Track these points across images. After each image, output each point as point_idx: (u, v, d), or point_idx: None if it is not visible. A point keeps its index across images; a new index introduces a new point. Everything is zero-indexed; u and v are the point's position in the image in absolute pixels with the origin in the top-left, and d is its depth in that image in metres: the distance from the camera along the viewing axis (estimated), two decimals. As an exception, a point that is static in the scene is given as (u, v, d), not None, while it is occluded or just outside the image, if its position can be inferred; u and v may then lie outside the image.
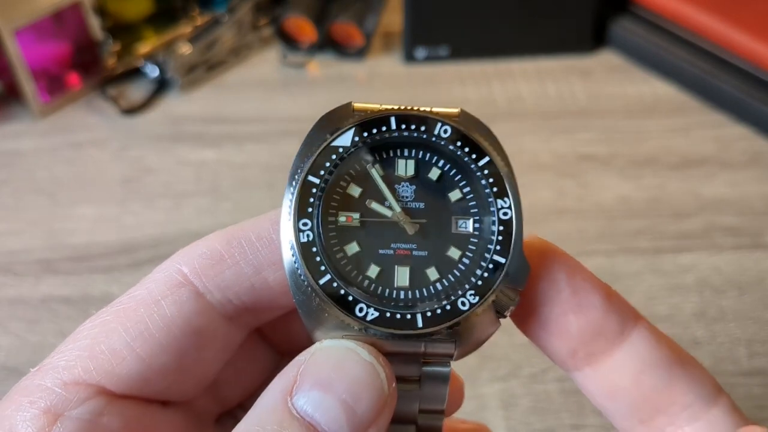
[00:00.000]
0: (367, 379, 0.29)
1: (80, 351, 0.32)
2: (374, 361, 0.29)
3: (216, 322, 0.34)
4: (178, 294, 0.33)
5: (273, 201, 0.83)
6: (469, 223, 0.33)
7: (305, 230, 0.32)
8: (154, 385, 0.33)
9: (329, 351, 0.30)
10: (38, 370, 0.33)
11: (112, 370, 0.32)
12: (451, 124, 0.33)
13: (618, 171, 0.86)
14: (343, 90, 1.00)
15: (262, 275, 0.33)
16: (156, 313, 0.32)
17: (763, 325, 0.69)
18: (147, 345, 0.32)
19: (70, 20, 0.95)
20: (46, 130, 0.94)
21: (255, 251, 0.33)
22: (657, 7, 1.01)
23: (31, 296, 0.73)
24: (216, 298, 0.33)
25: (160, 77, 0.99)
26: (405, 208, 0.33)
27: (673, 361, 0.32)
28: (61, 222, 0.81)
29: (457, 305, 0.31)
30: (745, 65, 0.93)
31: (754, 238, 0.77)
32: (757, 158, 0.87)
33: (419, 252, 0.32)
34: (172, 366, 0.32)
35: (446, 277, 0.32)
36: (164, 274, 0.33)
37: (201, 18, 1.08)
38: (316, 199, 0.32)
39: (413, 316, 0.31)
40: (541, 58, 1.04)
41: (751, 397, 0.63)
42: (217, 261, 0.33)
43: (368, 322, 0.30)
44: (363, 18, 1.04)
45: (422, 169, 0.34)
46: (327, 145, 0.33)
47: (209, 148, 0.91)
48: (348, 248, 0.32)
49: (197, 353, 0.33)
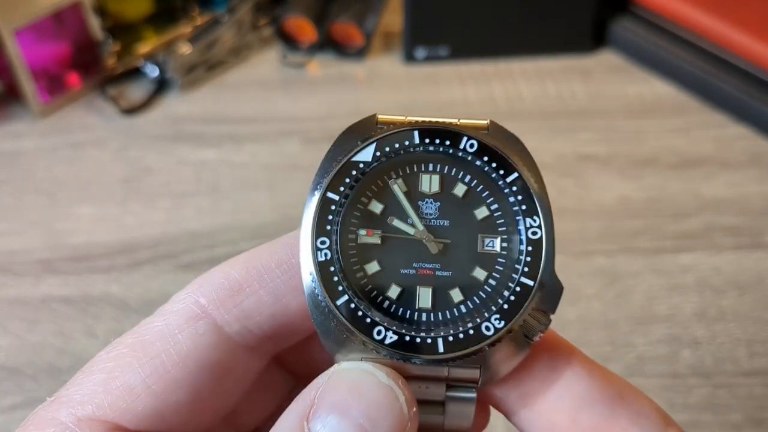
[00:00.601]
0: (385, 402, 0.28)
1: (95, 386, 0.31)
2: (393, 384, 0.28)
3: (235, 354, 0.33)
4: (195, 327, 0.32)
5: (273, 201, 0.83)
6: (497, 242, 0.31)
7: (323, 249, 0.31)
8: (170, 421, 0.32)
9: (346, 374, 0.29)
10: (54, 402, 0.32)
11: (126, 407, 0.31)
12: (478, 138, 0.32)
13: (618, 171, 0.86)
14: (343, 90, 1.00)
15: (283, 302, 0.32)
16: (172, 347, 0.31)
17: (763, 325, 0.69)
18: (162, 381, 0.31)
19: (70, 20, 0.95)
20: (46, 130, 0.94)
21: (274, 278, 0.32)
22: (657, 7, 1.01)
23: (31, 296, 0.73)
24: (235, 329, 0.32)
25: (160, 77, 0.99)
26: (428, 226, 0.32)
27: (614, 397, 0.31)
28: (61, 222, 0.81)
29: (480, 330, 0.29)
30: (745, 65, 0.93)
31: (754, 238, 0.77)
32: (757, 158, 0.87)
33: (443, 272, 0.31)
34: (188, 401, 0.32)
35: (471, 299, 0.31)
36: (182, 305, 0.32)
37: (201, 18, 1.08)
38: (335, 216, 0.31)
39: (434, 341, 0.29)
40: (541, 58, 1.04)
41: (752, 397, 0.63)
42: (236, 291, 0.32)
43: (387, 345, 0.29)
44: (363, 18, 1.04)
45: (447, 185, 0.32)
46: (347, 160, 0.31)
47: (209, 148, 0.91)
48: (368, 267, 0.31)
49: (214, 387, 0.32)
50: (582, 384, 0.31)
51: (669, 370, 0.65)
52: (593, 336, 0.68)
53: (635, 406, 0.31)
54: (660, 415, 0.31)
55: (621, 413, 0.30)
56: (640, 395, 0.31)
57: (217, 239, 0.79)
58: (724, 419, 0.62)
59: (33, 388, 0.65)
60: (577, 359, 0.31)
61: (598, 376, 0.31)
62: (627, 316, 0.69)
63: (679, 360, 0.66)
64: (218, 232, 0.80)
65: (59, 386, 0.72)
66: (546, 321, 0.30)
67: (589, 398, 0.30)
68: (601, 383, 0.31)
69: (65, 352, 0.68)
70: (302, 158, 0.88)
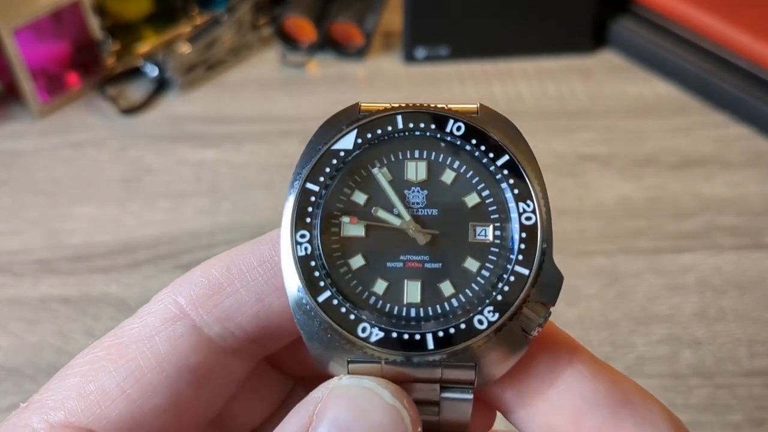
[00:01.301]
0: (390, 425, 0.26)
1: (68, 390, 0.30)
2: (398, 404, 0.27)
3: (215, 357, 0.31)
4: (172, 329, 0.30)
5: (273, 201, 0.83)
6: (489, 231, 0.30)
7: (303, 243, 0.29)
8: (146, 428, 0.30)
9: (348, 390, 0.27)
10: (27, 408, 0.30)
11: (100, 413, 0.30)
12: (465, 120, 0.30)
13: (618, 171, 0.86)
14: (343, 90, 1.00)
15: (266, 302, 0.31)
16: (149, 350, 0.30)
17: (763, 325, 0.69)
18: (138, 386, 0.30)
19: (70, 20, 0.95)
20: (46, 130, 0.94)
21: (256, 277, 0.31)
22: (657, 6, 1.01)
23: (30, 296, 0.73)
24: (215, 330, 0.31)
25: (159, 77, 0.99)
26: (415, 216, 0.30)
27: (618, 400, 0.29)
28: (60, 222, 0.81)
29: (473, 324, 0.28)
30: (745, 65, 0.93)
31: (755, 238, 0.77)
32: (758, 158, 0.87)
33: (432, 264, 0.29)
34: (165, 407, 0.30)
35: (462, 292, 0.29)
36: (160, 306, 0.31)
37: (200, 18, 1.08)
38: (315, 208, 0.29)
39: (423, 337, 0.27)
40: (541, 58, 1.04)
41: (752, 397, 0.63)
42: (215, 290, 0.31)
43: (372, 343, 0.27)
44: (363, 18, 1.04)
45: (434, 172, 0.30)
46: (327, 149, 0.30)
47: (209, 148, 0.91)
48: (352, 262, 0.29)
49: (194, 391, 0.31)
50: (584, 385, 0.29)
51: (669, 370, 0.65)
52: (593, 336, 0.68)
53: (641, 410, 0.29)
54: (668, 420, 0.29)
55: (625, 418, 0.29)
56: (648, 399, 0.30)
57: (217, 239, 0.79)
58: (725, 419, 0.62)
59: (32, 389, 0.65)
60: (580, 358, 0.30)
61: (602, 377, 0.29)
62: (627, 317, 0.69)
63: (679, 360, 0.66)
64: (218, 232, 0.79)
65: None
66: (545, 314, 0.28)
67: (592, 401, 0.29)
68: (605, 385, 0.29)
69: (64, 352, 0.68)
70: (302, 158, 0.88)
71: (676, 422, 0.29)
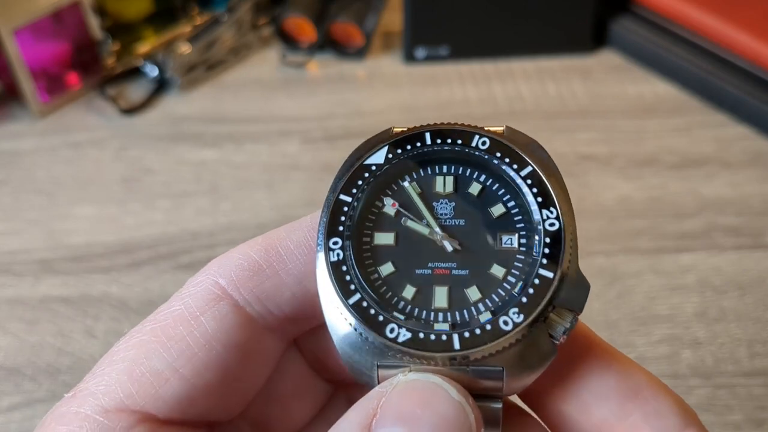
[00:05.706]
0: (456, 419, 0.26)
1: (118, 374, 0.30)
2: (463, 402, 0.27)
3: (257, 335, 0.32)
4: (217, 308, 0.31)
5: (273, 201, 0.83)
6: (515, 239, 0.31)
7: (335, 249, 0.30)
8: (199, 406, 0.31)
9: (415, 384, 0.28)
10: (73, 396, 0.30)
11: (155, 394, 0.30)
12: (489, 135, 0.32)
13: (618, 171, 0.86)
14: (343, 90, 1.00)
15: (303, 284, 0.32)
16: (196, 329, 0.31)
17: (764, 325, 0.69)
18: (190, 364, 0.30)
19: (70, 20, 0.95)
20: (46, 130, 0.94)
21: (294, 260, 0.32)
22: (657, 6, 1.01)
23: (30, 296, 0.73)
24: (256, 309, 0.32)
25: (159, 77, 0.99)
26: (444, 226, 0.31)
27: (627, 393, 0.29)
28: (60, 222, 0.81)
29: (498, 325, 0.28)
30: (746, 65, 0.92)
31: (755, 238, 0.77)
32: (758, 158, 0.87)
33: (459, 271, 0.31)
34: (216, 384, 0.31)
35: (489, 297, 0.30)
36: (201, 287, 0.32)
37: (200, 17, 1.08)
38: (347, 218, 0.31)
39: (449, 337, 0.28)
40: (541, 58, 1.04)
41: (752, 397, 0.63)
42: (255, 272, 0.32)
43: (400, 344, 0.28)
44: (363, 18, 1.04)
45: (461, 185, 0.32)
46: (360, 164, 0.32)
47: (209, 148, 0.91)
48: (382, 269, 0.31)
49: (240, 368, 0.32)
50: (595, 379, 0.30)
51: (669, 370, 0.65)
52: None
53: (652, 403, 0.29)
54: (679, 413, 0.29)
55: (632, 411, 0.29)
56: (661, 391, 0.30)
57: (217, 239, 0.79)
58: (725, 419, 0.62)
59: (32, 389, 0.65)
60: (595, 351, 0.30)
61: (614, 370, 0.30)
62: (627, 317, 0.69)
63: (679, 360, 0.66)
64: (218, 232, 0.79)
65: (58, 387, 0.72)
66: (570, 319, 0.29)
67: (600, 393, 0.29)
68: (615, 377, 0.30)
69: (64, 352, 0.68)
70: (302, 158, 0.88)
71: (688, 415, 0.29)
